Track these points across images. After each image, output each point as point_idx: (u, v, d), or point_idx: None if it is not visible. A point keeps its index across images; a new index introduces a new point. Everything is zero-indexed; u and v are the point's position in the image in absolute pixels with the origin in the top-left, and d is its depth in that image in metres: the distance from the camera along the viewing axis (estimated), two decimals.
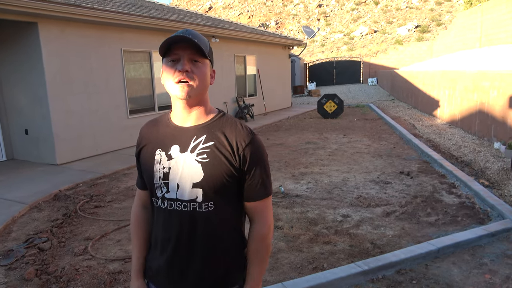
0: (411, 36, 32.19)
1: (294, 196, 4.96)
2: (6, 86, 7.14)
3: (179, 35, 1.17)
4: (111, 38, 7.75)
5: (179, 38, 1.17)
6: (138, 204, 1.47)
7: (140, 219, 1.45)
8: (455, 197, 4.76)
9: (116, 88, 7.95)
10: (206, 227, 1.24)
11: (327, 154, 7.34)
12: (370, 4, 47.03)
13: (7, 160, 7.28)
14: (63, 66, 6.85)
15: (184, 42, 1.18)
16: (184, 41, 1.17)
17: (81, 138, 7.28)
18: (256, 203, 1.29)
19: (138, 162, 1.39)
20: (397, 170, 6.05)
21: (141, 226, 1.44)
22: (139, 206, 1.47)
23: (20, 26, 6.57)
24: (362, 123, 11.32)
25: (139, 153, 1.36)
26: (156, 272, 1.33)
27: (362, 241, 3.63)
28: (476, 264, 3.17)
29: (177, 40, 1.17)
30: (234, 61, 12.18)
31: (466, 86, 9.08)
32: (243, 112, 12.12)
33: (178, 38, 1.17)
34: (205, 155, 1.23)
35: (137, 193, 1.47)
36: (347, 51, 33.24)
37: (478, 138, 8.10)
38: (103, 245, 3.70)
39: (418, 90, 13.81)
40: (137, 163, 1.41)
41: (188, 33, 1.19)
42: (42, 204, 4.88)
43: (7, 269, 3.26)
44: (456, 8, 35.69)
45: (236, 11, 56.59)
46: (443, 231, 3.81)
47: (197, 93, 1.22)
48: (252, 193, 1.28)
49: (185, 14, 11.49)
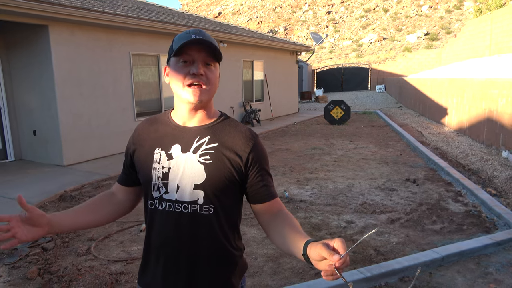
0: (420, 43, 32.08)
1: (298, 201, 4.94)
2: (16, 88, 7.24)
3: (195, 37, 1.13)
4: (120, 41, 7.84)
5: (196, 40, 1.12)
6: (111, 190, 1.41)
7: (103, 194, 1.38)
8: (461, 205, 4.70)
9: (123, 91, 8.02)
10: (207, 229, 1.21)
11: (333, 160, 7.31)
12: (379, 12, 47.02)
13: (15, 160, 7.37)
14: (72, 68, 6.94)
15: (200, 44, 1.14)
16: (200, 43, 1.13)
17: (88, 140, 7.34)
18: (271, 202, 1.26)
19: (129, 160, 1.34)
20: (403, 177, 6.00)
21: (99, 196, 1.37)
22: (108, 191, 1.40)
23: (31, 29, 6.68)
24: (369, 129, 11.26)
25: (133, 151, 1.31)
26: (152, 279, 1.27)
27: (365, 248, 3.60)
28: (481, 273, 3.12)
29: (194, 42, 1.13)
30: (241, 66, 12.23)
31: (474, 94, 9.01)
32: (250, 117, 12.14)
33: (194, 40, 1.12)
34: (208, 156, 1.19)
35: (114, 186, 1.41)
36: (355, 58, 33.21)
37: (486, 147, 8.01)
38: (106, 246, 3.71)
39: (426, 98, 13.73)
40: (126, 159, 1.36)
41: (202, 35, 1.16)
42: (47, 204, 4.92)
43: (10, 267, 3.29)
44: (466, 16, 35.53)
45: (245, 17, 56.92)
46: (448, 239, 3.77)
47: (209, 97, 1.19)
48: (266, 193, 1.25)
49: (193, 19, 11.59)
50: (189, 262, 1.21)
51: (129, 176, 1.36)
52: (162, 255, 1.22)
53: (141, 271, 1.32)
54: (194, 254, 1.21)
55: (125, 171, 1.37)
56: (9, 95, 7.24)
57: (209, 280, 1.23)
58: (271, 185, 1.27)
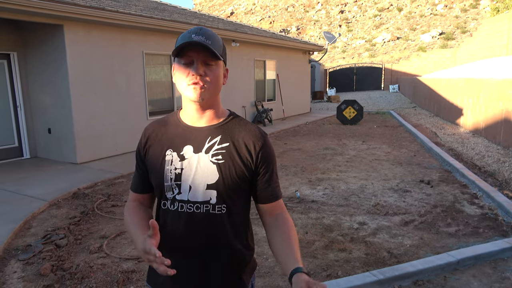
0: (435, 43, 31.61)
1: (310, 202, 4.90)
2: (32, 87, 7.36)
3: (192, 39, 1.13)
4: (133, 41, 7.90)
5: (192, 43, 1.12)
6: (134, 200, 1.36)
7: (135, 205, 1.34)
8: (477, 208, 4.60)
9: (136, 90, 8.08)
10: (219, 229, 1.21)
11: (345, 161, 7.24)
12: (393, 11, 46.50)
13: (30, 158, 7.48)
14: (86, 68, 7.01)
15: (198, 46, 1.14)
16: (198, 45, 1.13)
17: (101, 138, 7.42)
18: (274, 203, 1.28)
19: (141, 163, 1.31)
20: (417, 178, 5.90)
21: (137, 207, 1.33)
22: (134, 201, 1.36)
23: (47, 29, 6.77)
24: (382, 130, 11.13)
25: (145, 154, 1.29)
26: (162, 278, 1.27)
27: (378, 250, 3.55)
28: (498, 278, 3.04)
29: (190, 44, 1.13)
30: (253, 66, 12.21)
31: (491, 94, 8.82)
32: (262, 117, 12.12)
33: (191, 43, 1.12)
34: (221, 156, 1.20)
35: (131, 196, 1.36)
36: (368, 58, 32.90)
37: (503, 148, 7.84)
38: (118, 244, 3.74)
39: (441, 98, 13.51)
40: (138, 164, 1.32)
41: (202, 34, 1.15)
42: (61, 201, 4.98)
43: (24, 263, 3.33)
44: (482, 15, 34.89)
45: (258, 16, 56.91)
46: (463, 242, 3.69)
47: (210, 95, 1.19)
48: (271, 193, 1.27)
49: (206, 18, 11.62)
50: (200, 261, 1.22)
51: (145, 181, 1.32)
52: (173, 255, 1.22)
53: (150, 269, 1.33)
54: (206, 253, 1.22)
55: (140, 176, 1.33)
56: (25, 94, 7.36)
57: (220, 279, 1.24)
58: (276, 185, 1.29)
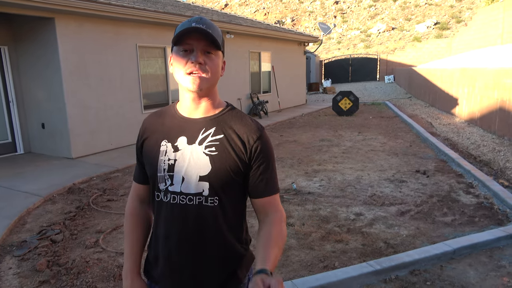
0: (430, 33, 31.56)
1: (306, 193, 4.90)
2: (24, 81, 7.26)
3: (194, 26, 1.12)
4: (126, 33, 7.80)
5: (193, 29, 1.11)
6: (134, 197, 1.39)
7: (136, 211, 1.37)
8: (472, 197, 4.62)
9: (131, 84, 8.00)
10: (212, 221, 1.20)
11: (341, 152, 7.24)
12: (388, 1, 46.30)
13: (24, 153, 7.42)
14: (79, 61, 6.93)
15: (199, 33, 1.12)
16: (198, 32, 1.12)
17: (96, 132, 7.36)
18: (268, 198, 1.25)
19: (140, 154, 1.33)
20: (413, 168, 5.92)
21: (136, 219, 1.37)
22: (135, 199, 1.39)
23: (38, 22, 6.67)
24: (377, 121, 11.14)
25: (141, 145, 1.31)
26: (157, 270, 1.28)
27: (375, 240, 3.56)
28: (494, 267, 3.06)
29: (191, 31, 1.12)
30: (248, 58, 12.14)
31: (486, 84, 8.83)
32: (257, 109, 12.07)
33: (192, 29, 1.11)
34: (214, 147, 1.19)
35: (134, 187, 1.39)
36: (363, 48, 32.81)
37: (498, 137, 7.87)
38: (114, 238, 3.72)
39: (436, 88, 13.52)
40: (138, 156, 1.35)
41: (202, 23, 1.14)
42: (56, 196, 4.95)
43: (20, 259, 3.31)
44: (477, 5, 34.81)
45: (252, 8, 56.48)
46: (459, 231, 3.70)
47: (209, 85, 1.18)
48: (263, 188, 1.24)
49: (200, 10, 11.50)
50: (194, 254, 1.21)
51: (145, 172, 1.34)
52: (167, 247, 1.22)
53: (146, 262, 1.34)
54: (199, 246, 1.21)
55: (140, 168, 1.36)
56: (17, 89, 7.27)
57: (214, 273, 1.23)
58: (272, 180, 1.25)
